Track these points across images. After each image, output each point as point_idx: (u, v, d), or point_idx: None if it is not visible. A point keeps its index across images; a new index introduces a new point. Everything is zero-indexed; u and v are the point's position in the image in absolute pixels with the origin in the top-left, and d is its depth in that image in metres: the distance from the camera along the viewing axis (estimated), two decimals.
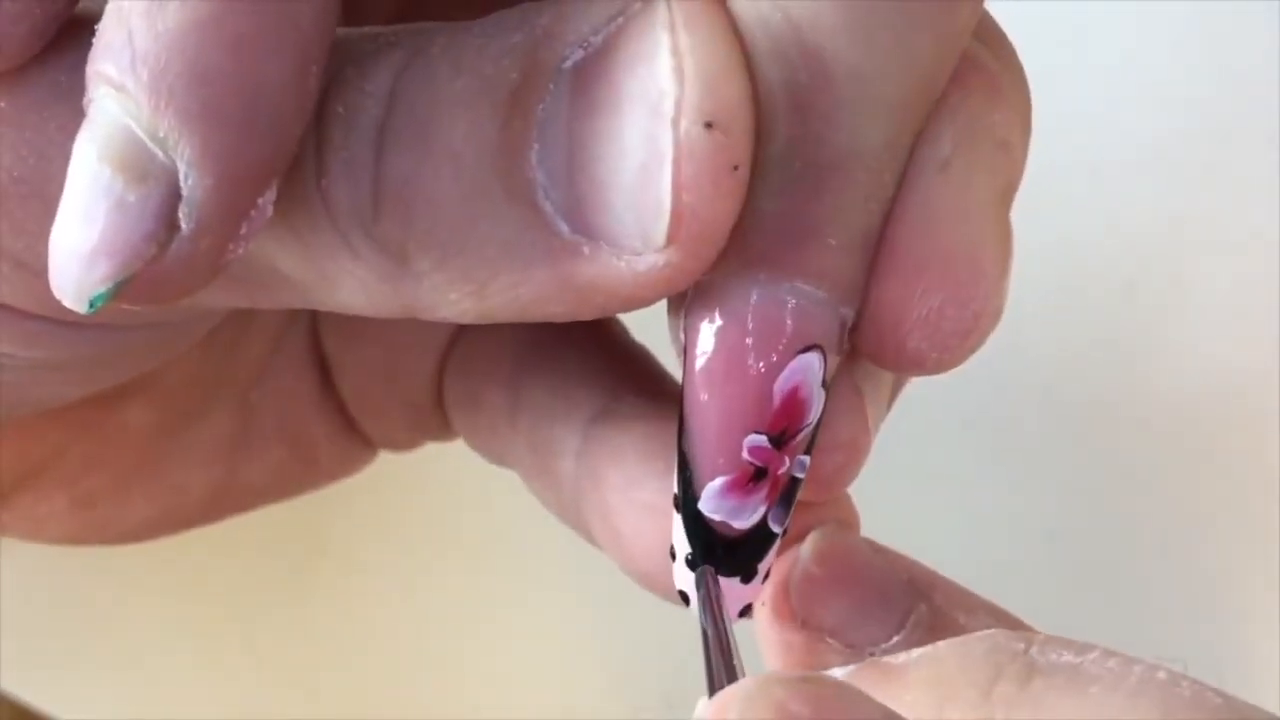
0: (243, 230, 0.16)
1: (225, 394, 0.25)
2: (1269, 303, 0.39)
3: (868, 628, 0.20)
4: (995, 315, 0.18)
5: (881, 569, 0.20)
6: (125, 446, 0.25)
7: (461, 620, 0.39)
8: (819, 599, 0.20)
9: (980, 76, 0.18)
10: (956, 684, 0.17)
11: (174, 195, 0.15)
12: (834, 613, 0.20)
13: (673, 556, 0.20)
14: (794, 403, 0.18)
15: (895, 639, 0.20)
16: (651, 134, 0.16)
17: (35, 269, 0.18)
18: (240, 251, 0.16)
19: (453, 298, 0.17)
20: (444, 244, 0.17)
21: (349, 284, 0.18)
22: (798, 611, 0.20)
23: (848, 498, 0.22)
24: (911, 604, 0.20)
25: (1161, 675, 0.16)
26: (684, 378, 0.19)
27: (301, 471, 0.27)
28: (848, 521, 0.21)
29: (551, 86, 0.16)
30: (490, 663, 0.39)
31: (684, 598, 0.20)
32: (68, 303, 0.16)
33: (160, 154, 0.15)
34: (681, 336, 0.19)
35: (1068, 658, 0.17)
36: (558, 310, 0.17)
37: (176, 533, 0.26)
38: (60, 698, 0.38)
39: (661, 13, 0.16)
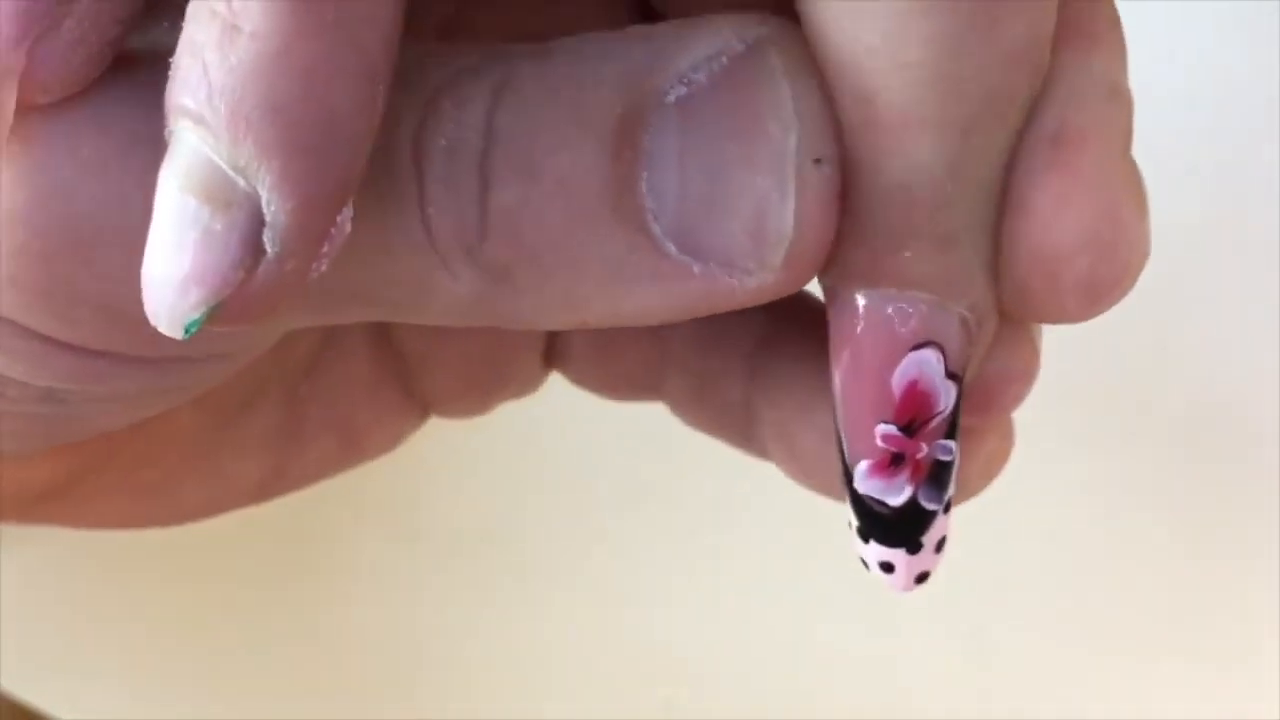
0: (324, 249, 0.17)
1: (274, 387, 0.26)
2: (1269, 302, 0.39)
3: None
4: (1145, 255, 0.19)
5: None
6: (177, 444, 0.25)
7: (461, 621, 0.39)
8: None
9: (1073, 32, 0.18)
10: None
11: (258, 221, 0.16)
12: None
13: (849, 525, 0.21)
14: (915, 395, 0.19)
15: None
16: (774, 169, 0.17)
17: (118, 308, 0.18)
18: (323, 268, 0.17)
19: (549, 313, 0.18)
20: (548, 266, 0.18)
21: (440, 303, 0.18)
22: None
23: (1009, 420, 0.23)
24: None
25: None
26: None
27: (346, 457, 0.27)
28: (1006, 436, 0.23)
29: (655, 119, 0.17)
30: (489, 664, 0.39)
31: (863, 563, 0.21)
32: (163, 329, 0.16)
33: (242, 182, 0.16)
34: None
35: None
36: (655, 320, 0.18)
37: (227, 512, 0.27)
38: (60, 698, 0.39)
39: (775, 57, 0.17)
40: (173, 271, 0.16)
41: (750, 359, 0.23)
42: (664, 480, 0.40)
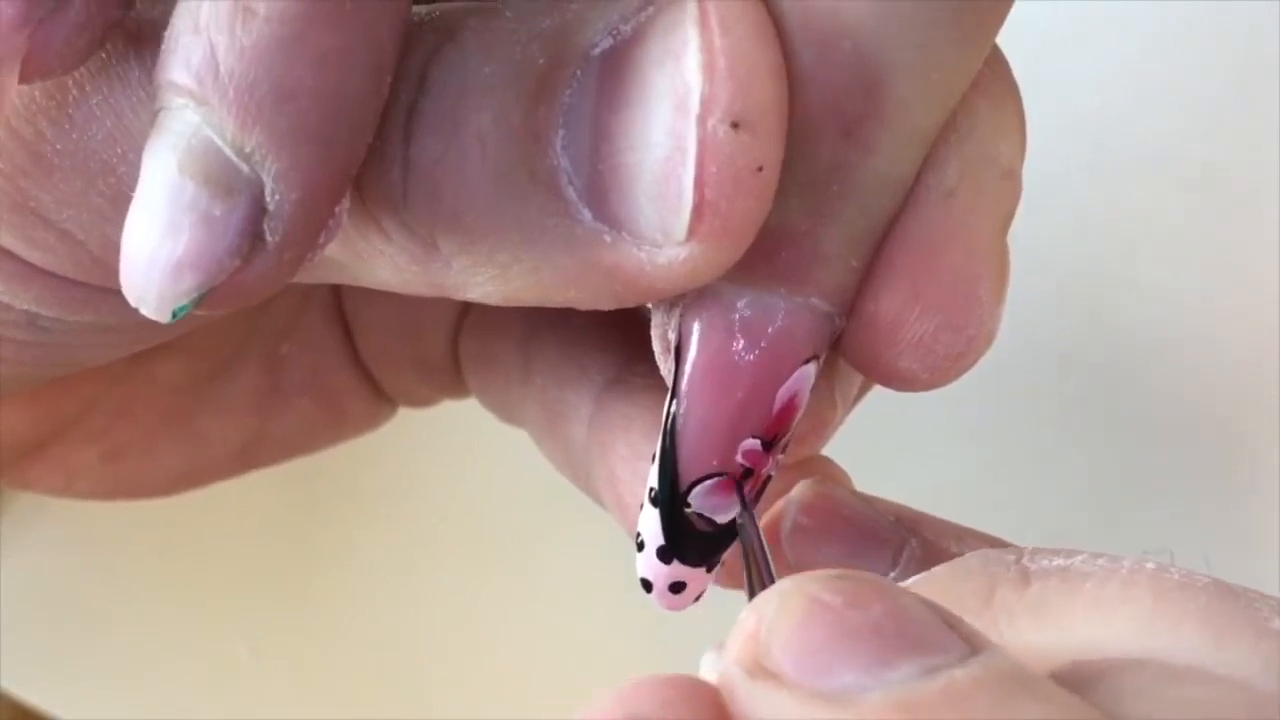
0: (321, 239, 0.16)
1: (255, 347, 0.26)
2: (1269, 302, 0.39)
3: (862, 568, 0.20)
4: (988, 340, 0.19)
5: (868, 512, 0.20)
6: (155, 399, 0.25)
7: (460, 621, 0.39)
8: (811, 546, 0.20)
9: (987, 101, 0.18)
10: (957, 598, 0.17)
11: (259, 209, 0.16)
12: (827, 558, 0.20)
13: (640, 547, 0.20)
14: (790, 409, 0.18)
15: (891, 575, 0.20)
16: (676, 129, 0.16)
17: (78, 238, 0.18)
18: (316, 259, 0.16)
19: (478, 280, 0.18)
20: (469, 228, 0.17)
21: (381, 263, 0.18)
22: (792, 562, 0.20)
23: (833, 462, 0.22)
24: (902, 540, 0.20)
25: (1150, 565, 0.17)
26: (679, 378, 0.19)
27: (328, 425, 0.27)
28: (837, 480, 0.22)
29: (578, 73, 0.16)
30: (488, 663, 0.39)
31: (645, 585, 0.20)
32: (148, 312, 0.16)
33: (246, 168, 0.15)
34: (671, 335, 0.19)
35: (1058, 561, 0.17)
36: (579, 296, 0.17)
37: (205, 486, 0.27)
38: (60, 698, 0.38)
39: (691, 8, 0.16)
40: (164, 254, 0.16)
41: (598, 398, 0.23)
42: None
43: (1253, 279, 0.40)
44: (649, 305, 0.19)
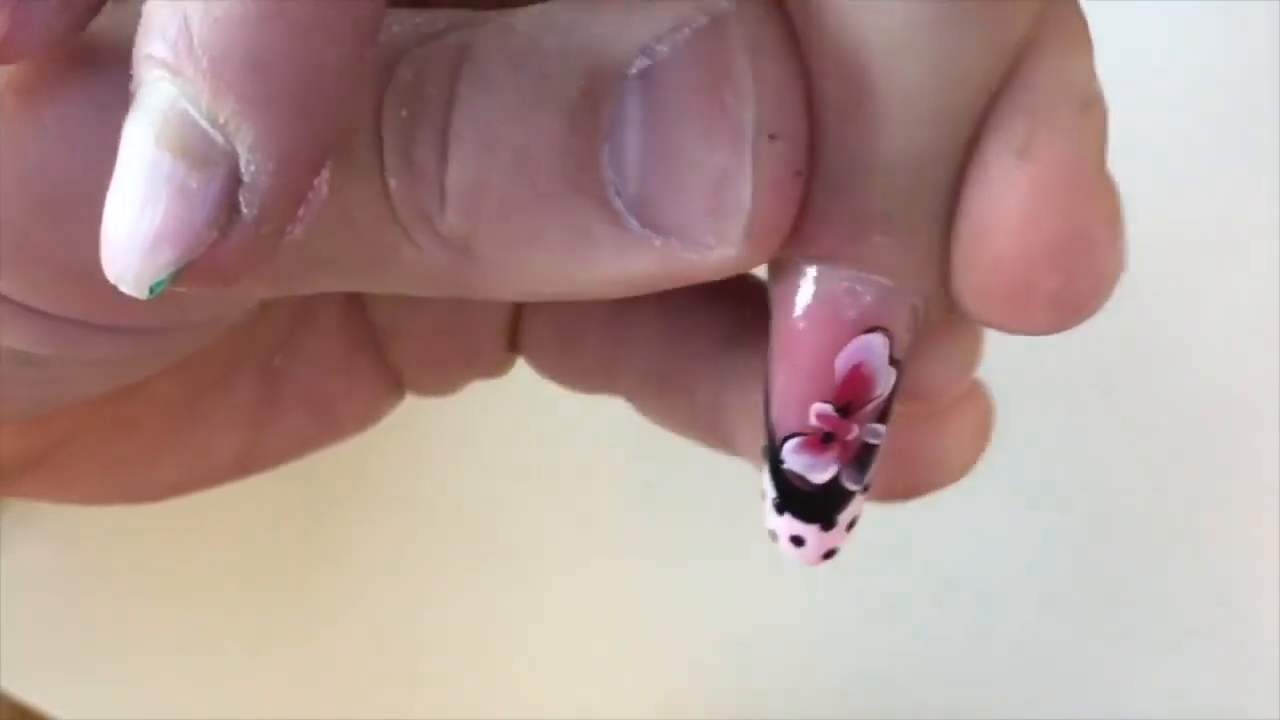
0: (300, 212, 0.16)
1: (250, 361, 0.26)
2: (1270, 302, 0.39)
3: None
4: (1117, 272, 0.18)
5: None
6: (151, 415, 0.25)
7: (461, 620, 0.39)
8: None
9: (1049, 33, 0.18)
10: None
11: (235, 180, 0.15)
12: None
13: (763, 496, 0.21)
14: (857, 379, 0.19)
15: None
16: (726, 143, 0.17)
17: (74, 274, 0.18)
18: (297, 232, 0.16)
19: (511, 284, 0.18)
20: (507, 238, 0.17)
21: (404, 273, 0.18)
22: None
23: (986, 396, 0.23)
24: None
25: None
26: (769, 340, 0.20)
27: (323, 431, 0.27)
28: (987, 411, 0.23)
29: (618, 94, 0.17)
30: (489, 662, 0.39)
31: (772, 535, 0.21)
32: (126, 289, 0.16)
33: (220, 139, 0.15)
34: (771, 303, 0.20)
35: None
36: (618, 293, 0.18)
37: (202, 490, 0.27)
38: (60, 698, 0.39)
39: (735, 29, 0.17)
40: (142, 228, 0.15)
41: (715, 360, 0.23)
42: (666, 474, 0.40)
43: (1254, 278, 0.40)
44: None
